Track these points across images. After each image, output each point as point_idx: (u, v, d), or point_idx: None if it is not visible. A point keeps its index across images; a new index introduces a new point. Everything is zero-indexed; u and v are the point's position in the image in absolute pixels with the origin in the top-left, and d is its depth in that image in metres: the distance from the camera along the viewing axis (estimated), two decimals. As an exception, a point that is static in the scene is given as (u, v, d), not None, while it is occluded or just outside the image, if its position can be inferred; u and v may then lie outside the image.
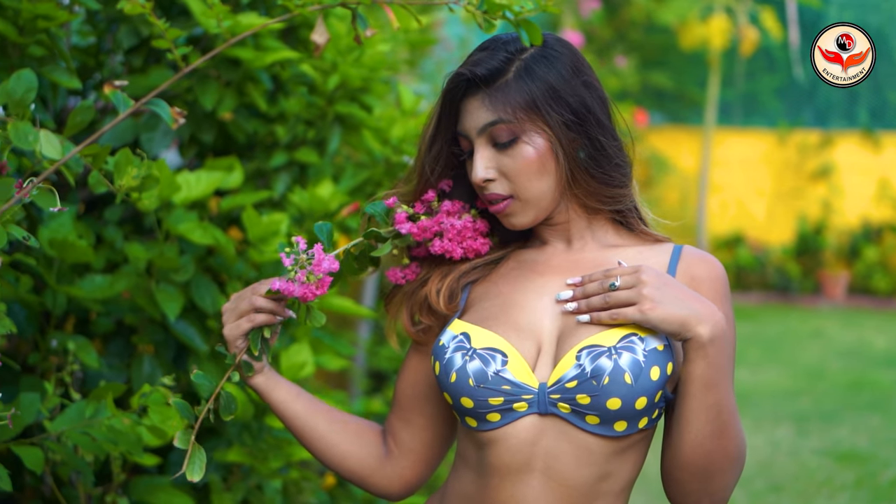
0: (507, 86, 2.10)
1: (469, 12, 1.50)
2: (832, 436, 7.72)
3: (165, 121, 1.45)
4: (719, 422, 2.01)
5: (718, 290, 2.14)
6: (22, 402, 2.32)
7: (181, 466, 2.86)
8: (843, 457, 7.17)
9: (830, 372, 9.91)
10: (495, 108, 2.10)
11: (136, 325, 2.84)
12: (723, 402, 2.01)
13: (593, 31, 12.89)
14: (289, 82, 3.13)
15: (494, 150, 2.12)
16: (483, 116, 2.11)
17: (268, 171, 3.11)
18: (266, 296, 2.11)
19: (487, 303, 2.20)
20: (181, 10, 2.98)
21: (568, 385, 2.02)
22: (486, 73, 2.10)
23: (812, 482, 6.67)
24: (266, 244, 2.80)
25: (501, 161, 2.11)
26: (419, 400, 2.28)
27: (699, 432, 2.01)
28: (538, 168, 2.12)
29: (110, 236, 2.86)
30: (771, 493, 6.49)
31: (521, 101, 2.10)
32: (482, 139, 2.12)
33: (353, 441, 2.27)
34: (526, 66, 2.11)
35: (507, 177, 2.12)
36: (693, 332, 1.97)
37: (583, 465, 2.05)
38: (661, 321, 1.97)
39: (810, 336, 11.72)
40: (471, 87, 2.12)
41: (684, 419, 2.03)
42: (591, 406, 2.01)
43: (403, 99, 3.14)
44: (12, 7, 2.49)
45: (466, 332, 2.12)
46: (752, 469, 6.86)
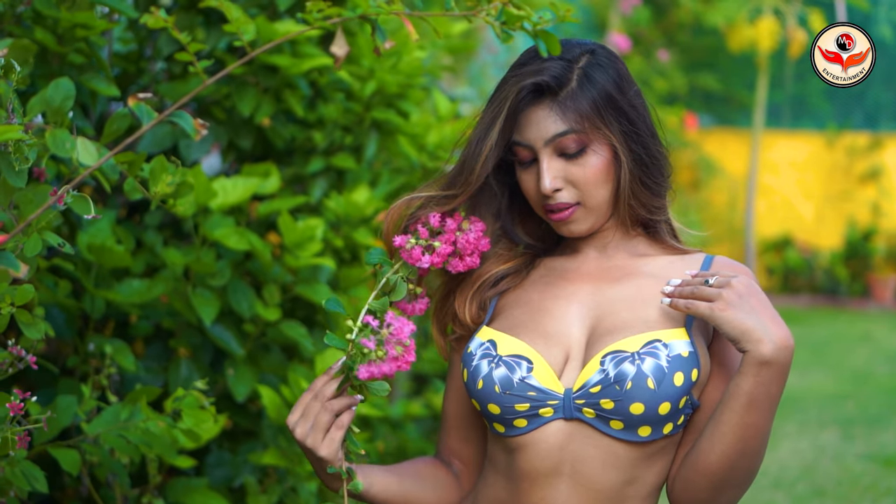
0: (573, 95, 2.10)
1: (488, 23, 1.51)
2: (877, 440, 7.67)
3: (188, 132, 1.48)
4: (754, 443, 2.01)
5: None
6: (59, 404, 2.36)
7: (217, 469, 2.91)
8: (888, 462, 7.12)
9: (877, 376, 9.84)
10: (565, 117, 2.09)
11: (173, 329, 2.88)
12: (761, 425, 2.01)
13: (640, 34, 12.87)
14: (326, 88, 3.17)
15: (561, 160, 2.11)
16: (552, 127, 2.10)
17: (305, 177, 3.14)
18: (337, 393, 2.04)
19: (517, 310, 2.21)
20: (220, 17, 3.01)
21: (592, 390, 2.03)
22: (553, 82, 2.09)
23: (856, 487, 6.63)
24: (302, 249, 2.83)
25: (569, 170, 2.11)
26: (472, 415, 2.30)
27: (731, 447, 2.01)
28: (605, 177, 2.13)
29: (150, 241, 2.90)
30: (814, 497, 6.46)
31: (588, 109, 2.10)
32: (549, 149, 2.11)
33: (433, 486, 2.27)
34: (585, 73, 2.11)
35: (575, 185, 2.11)
36: (752, 346, 1.96)
37: (609, 470, 2.06)
38: (725, 322, 1.96)
39: (858, 340, 11.63)
40: (536, 96, 2.11)
41: (719, 431, 2.02)
42: (615, 411, 2.02)
43: (439, 105, 3.17)
44: (51, 16, 2.53)
45: (493, 339, 2.14)
46: (795, 473, 6.83)
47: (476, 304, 2.26)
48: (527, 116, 2.12)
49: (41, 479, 2.17)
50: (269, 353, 2.93)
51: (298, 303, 3.01)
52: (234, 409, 2.90)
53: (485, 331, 2.17)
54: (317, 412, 2.02)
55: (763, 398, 1.98)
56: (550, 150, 2.11)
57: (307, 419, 2.03)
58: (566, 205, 2.13)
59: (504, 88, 2.13)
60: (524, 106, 2.12)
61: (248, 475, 2.91)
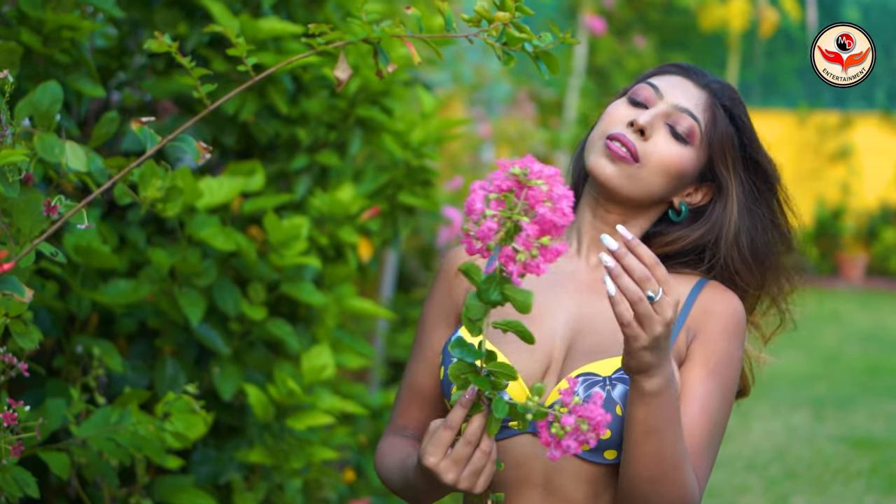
0: (720, 110, 2.13)
1: (489, 44, 1.52)
2: (848, 422, 7.75)
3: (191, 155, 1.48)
4: (658, 470, 1.95)
5: (728, 327, 2.10)
6: (48, 408, 2.36)
7: (203, 467, 2.92)
8: (859, 443, 7.19)
9: (847, 356, 9.92)
10: (700, 110, 2.12)
11: (158, 328, 2.88)
12: (664, 451, 1.95)
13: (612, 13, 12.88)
14: (310, 84, 3.16)
15: (666, 128, 2.10)
16: (689, 100, 2.11)
17: (289, 174, 3.14)
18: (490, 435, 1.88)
19: (507, 308, 2.20)
20: (203, 12, 3.01)
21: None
22: (711, 83, 2.14)
23: (828, 469, 6.70)
24: (287, 248, 2.83)
25: (662, 137, 2.10)
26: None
27: (636, 476, 1.97)
28: (674, 172, 2.11)
29: (133, 238, 2.90)
30: (786, 479, 6.52)
31: (722, 133, 2.12)
32: (669, 109, 2.10)
33: None
34: (734, 111, 2.15)
35: (650, 151, 2.08)
36: (640, 377, 1.89)
37: (581, 483, 2.05)
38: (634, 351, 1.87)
39: (828, 319, 11.72)
40: (687, 74, 2.15)
41: (624, 460, 1.98)
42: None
43: (424, 102, 3.17)
44: (37, 17, 2.52)
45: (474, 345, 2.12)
46: (768, 455, 6.89)
47: (463, 289, 2.24)
48: (674, 80, 2.14)
49: (32, 484, 2.17)
50: (254, 350, 2.93)
51: (282, 299, 3.02)
52: (219, 406, 2.90)
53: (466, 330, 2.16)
54: (468, 455, 1.88)
55: (661, 423, 1.93)
56: (668, 112, 2.10)
57: (459, 465, 1.88)
58: (631, 146, 2.07)
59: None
60: (672, 70, 2.16)
61: (233, 472, 2.92)
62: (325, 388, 2.89)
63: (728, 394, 2.09)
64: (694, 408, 2.05)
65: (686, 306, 2.11)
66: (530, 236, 1.63)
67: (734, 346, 2.11)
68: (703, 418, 2.05)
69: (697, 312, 2.11)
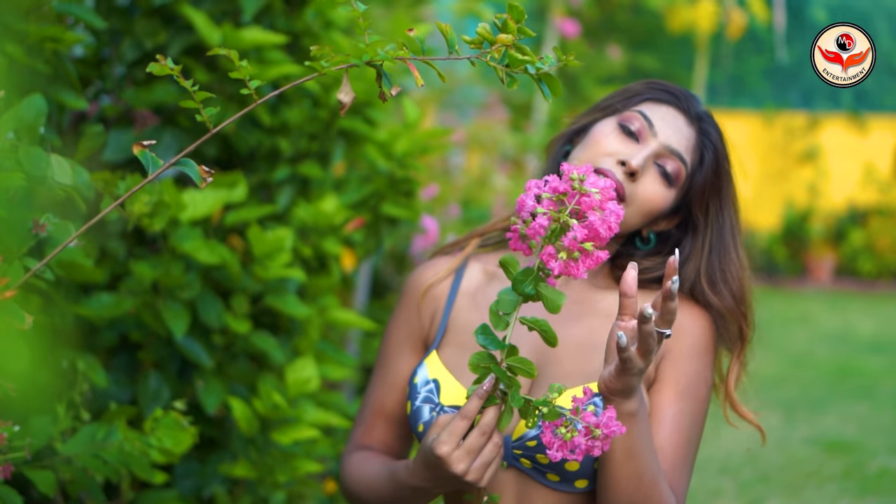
0: (705, 152, 2.14)
1: (491, 66, 1.51)
2: (820, 424, 7.77)
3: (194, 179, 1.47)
4: (639, 493, 1.96)
5: (697, 346, 2.12)
6: (33, 425, 2.33)
7: (186, 481, 2.90)
8: (831, 446, 7.22)
9: (817, 358, 9.96)
10: (689, 151, 2.11)
11: (140, 341, 2.86)
12: (643, 472, 1.96)
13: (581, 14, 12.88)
14: (291, 94, 3.14)
15: (655, 167, 2.10)
16: (681, 141, 2.11)
17: (271, 184, 3.12)
18: (500, 430, 1.90)
19: (465, 333, 2.17)
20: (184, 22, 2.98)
21: (528, 444, 2.01)
22: (700, 116, 2.15)
23: (800, 472, 6.72)
24: (271, 260, 2.81)
25: (650, 177, 2.10)
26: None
27: (618, 500, 1.97)
28: (655, 212, 2.12)
29: (114, 249, 2.87)
30: (759, 482, 6.54)
31: (708, 175, 2.13)
32: (660, 149, 2.10)
33: None
34: (719, 154, 2.16)
35: (638, 191, 2.08)
36: (620, 398, 1.89)
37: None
38: (626, 372, 1.85)
39: (797, 320, 11.77)
40: (678, 105, 2.14)
41: (604, 485, 1.98)
42: (550, 466, 2.01)
43: (408, 113, 3.16)
44: (20, 29, 2.49)
45: (437, 379, 2.10)
46: (739, 458, 6.90)
47: (429, 312, 2.24)
48: (663, 109, 2.13)
49: (19, 502, 2.15)
50: (238, 363, 2.91)
51: (263, 311, 3.00)
52: (202, 419, 2.88)
53: (432, 360, 2.14)
54: (481, 446, 1.89)
55: (639, 444, 1.94)
56: (659, 153, 2.10)
57: (471, 455, 1.88)
58: (619, 188, 2.07)
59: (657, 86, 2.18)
60: (664, 98, 2.14)
61: (217, 486, 2.90)
62: (309, 400, 2.87)
63: (699, 412, 2.09)
64: (666, 428, 2.05)
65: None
66: (577, 238, 1.68)
67: (703, 365, 2.12)
68: (675, 438, 2.05)
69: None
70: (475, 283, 2.25)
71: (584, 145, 2.12)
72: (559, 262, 1.71)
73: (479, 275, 2.26)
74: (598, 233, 1.71)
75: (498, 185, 7.38)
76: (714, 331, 2.15)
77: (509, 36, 1.50)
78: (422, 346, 2.27)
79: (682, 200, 2.15)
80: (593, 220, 1.69)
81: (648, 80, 2.21)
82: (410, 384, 2.14)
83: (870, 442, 7.33)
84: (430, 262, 2.36)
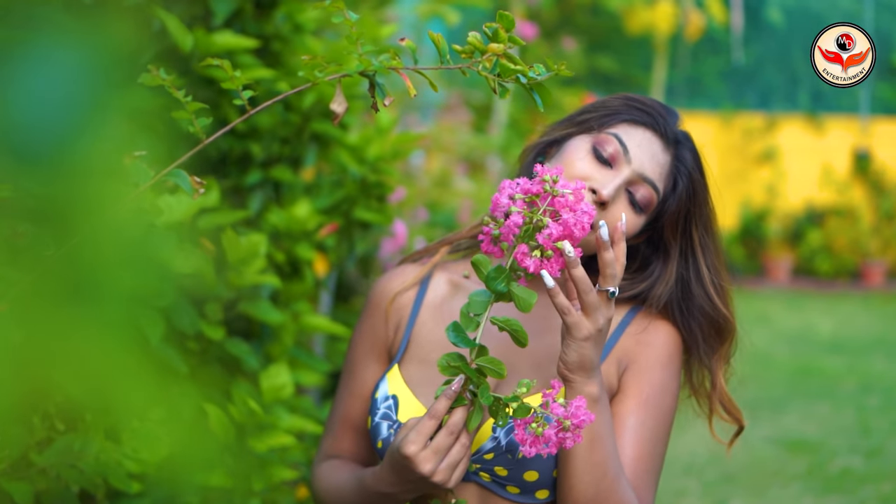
0: (679, 176, 2.11)
1: (483, 76, 1.51)
2: (781, 424, 7.82)
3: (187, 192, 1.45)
4: (604, 484, 1.93)
5: (662, 357, 2.10)
6: (9, 436, 2.31)
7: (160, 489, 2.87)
8: (794, 446, 7.27)
9: (777, 358, 10.02)
10: (662, 178, 2.09)
11: (114, 348, 2.83)
12: (608, 462, 1.93)
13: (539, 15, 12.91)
14: (263, 98, 3.12)
15: (625, 195, 2.06)
16: (654, 168, 2.07)
17: (242, 189, 3.11)
18: (470, 429, 1.89)
19: (427, 348, 2.15)
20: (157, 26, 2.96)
21: (486, 457, 1.99)
22: (678, 143, 2.10)
23: (764, 472, 6.76)
24: (245, 266, 2.80)
25: (620, 205, 2.05)
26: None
27: (582, 494, 1.93)
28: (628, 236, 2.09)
29: (85, 255, 2.85)
30: (724, 483, 6.57)
31: (679, 203, 2.11)
32: (633, 176, 2.06)
33: None
34: (693, 180, 2.13)
35: (608, 219, 2.02)
36: (582, 379, 1.87)
37: None
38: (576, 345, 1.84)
39: (756, 320, 11.83)
40: (653, 127, 2.09)
41: (568, 480, 1.94)
42: (509, 478, 1.99)
43: (380, 117, 3.14)
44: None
45: (397, 395, 2.08)
46: (704, 459, 6.94)
47: (394, 322, 2.23)
48: (638, 132, 2.09)
49: (-4, 515, 2.13)
50: (211, 370, 2.89)
51: (237, 317, 2.98)
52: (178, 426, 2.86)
53: (393, 375, 2.12)
54: (449, 446, 1.87)
55: (603, 431, 1.92)
56: (631, 180, 2.06)
57: (438, 455, 1.87)
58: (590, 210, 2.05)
59: (640, 104, 2.13)
60: (641, 119, 2.09)
61: (191, 494, 2.87)
62: (282, 406, 2.86)
63: (664, 423, 2.07)
64: (630, 439, 2.04)
65: (615, 335, 2.10)
66: (552, 235, 1.70)
67: (668, 376, 2.10)
68: (638, 448, 2.03)
69: (629, 343, 2.10)
70: (440, 294, 2.23)
71: (558, 163, 2.09)
72: (533, 259, 1.72)
73: (445, 286, 2.24)
74: (571, 232, 1.73)
75: (461, 187, 7.37)
76: (681, 343, 2.14)
77: (500, 45, 1.49)
78: (387, 355, 2.26)
79: (653, 224, 2.14)
80: (567, 218, 1.71)
81: (627, 96, 2.15)
82: (372, 398, 2.12)
83: (831, 441, 7.38)
84: (398, 269, 2.34)
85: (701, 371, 2.19)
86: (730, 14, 14.81)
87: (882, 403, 8.45)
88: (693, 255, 2.15)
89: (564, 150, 2.10)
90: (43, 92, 0.84)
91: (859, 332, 11.40)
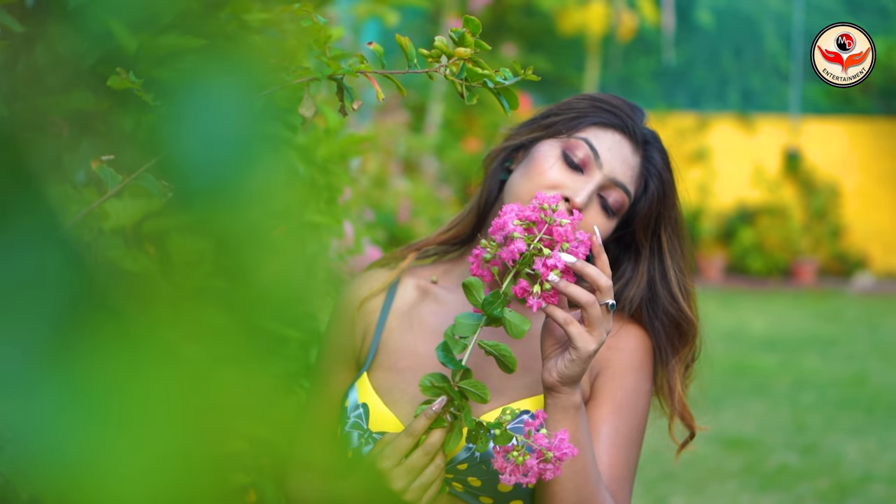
0: (650, 177, 2.09)
1: (450, 80, 1.50)
2: (718, 422, 7.88)
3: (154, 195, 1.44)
4: (585, 491, 1.91)
5: (634, 361, 2.09)
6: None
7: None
8: (731, 443, 7.33)
9: (713, 356, 10.07)
10: (633, 180, 2.07)
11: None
12: (589, 469, 1.92)
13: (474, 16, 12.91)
14: (208, 99, 3.10)
15: (597, 200, 2.03)
16: (625, 172, 2.05)
17: (189, 191, 3.08)
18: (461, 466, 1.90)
19: (396, 356, 2.12)
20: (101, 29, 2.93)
21: (459, 467, 1.97)
22: (646, 144, 2.09)
23: (702, 469, 6.80)
24: (193, 269, 2.77)
25: (592, 210, 2.03)
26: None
27: (565, 500, 1.91)
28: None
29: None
30: (664, 480, 6.61)
31: (649, 205, 2.10)
32: (605, 181, 2.03)
33: None
34: (664, 181, 2.12)
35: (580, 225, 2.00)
36: (568, 391, 1.85)
37: None
38: (578, 361, 1.82)
39: (690, 319, 11.89)
40: (623, 129, 2.07)
41: (550, 483, 1.91)
42: (483, 489, 1.97)
43: (328, 118, 3.13)
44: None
45: (367, 404, 2.05)
46: (644, 457, 6.96)
47: (362, 328, 2.21)
48: (609, 136, 2.06)
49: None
50: (160, 373, 2.86)
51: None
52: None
53: (363, 384, 2.09)
54: (423, 466, 1.87)
55: (584, 438, 1.90)
56: (603, 185, 2.03)
57: (411, 474, 1.86)
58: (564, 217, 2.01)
59: (610, 105, 2.10)
60: (610, 122, 2.07)
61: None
62: (233, 410, 2.84)
63: (637, 428, 2.07)
64: (605, 445, 2.02)
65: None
66: (558, 266, 1.73)
67: (641, 380, 2.09)
68: (613, 453, 2.02)
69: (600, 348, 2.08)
70: (408, 301, 2.20)
71: (527, 171, 2.06)
72: (536, 301, 1.75)
73: (413, 291, 2.22)
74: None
75: (398, 187, 7.37)
76: (652, 347, 2.13)
77: (467, 49, 1.49)
78: (355, 363, 2.23)
79: (624, 226, 2.13)
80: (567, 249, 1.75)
81: (593, 96, 2.14)
82: (341, 407, 2.09)
83: (767, 438, 7.46)
84: (366, 274, 2.31)
85: (664, 373, 2.19)
86: (661, 15, 14.92)
87: (816, 400, 8.55)
88: (660, 256, 2.14)
89: (533, 156, 2.07)
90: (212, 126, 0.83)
91: (792, 329, 11.53)
